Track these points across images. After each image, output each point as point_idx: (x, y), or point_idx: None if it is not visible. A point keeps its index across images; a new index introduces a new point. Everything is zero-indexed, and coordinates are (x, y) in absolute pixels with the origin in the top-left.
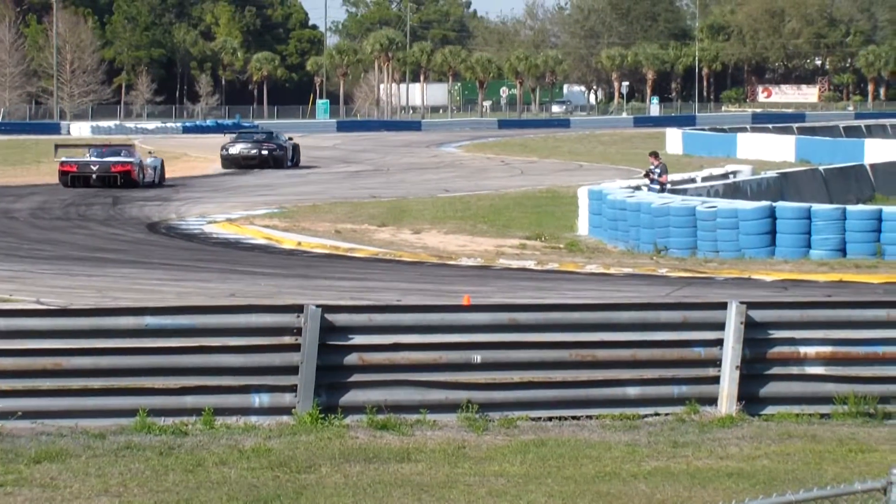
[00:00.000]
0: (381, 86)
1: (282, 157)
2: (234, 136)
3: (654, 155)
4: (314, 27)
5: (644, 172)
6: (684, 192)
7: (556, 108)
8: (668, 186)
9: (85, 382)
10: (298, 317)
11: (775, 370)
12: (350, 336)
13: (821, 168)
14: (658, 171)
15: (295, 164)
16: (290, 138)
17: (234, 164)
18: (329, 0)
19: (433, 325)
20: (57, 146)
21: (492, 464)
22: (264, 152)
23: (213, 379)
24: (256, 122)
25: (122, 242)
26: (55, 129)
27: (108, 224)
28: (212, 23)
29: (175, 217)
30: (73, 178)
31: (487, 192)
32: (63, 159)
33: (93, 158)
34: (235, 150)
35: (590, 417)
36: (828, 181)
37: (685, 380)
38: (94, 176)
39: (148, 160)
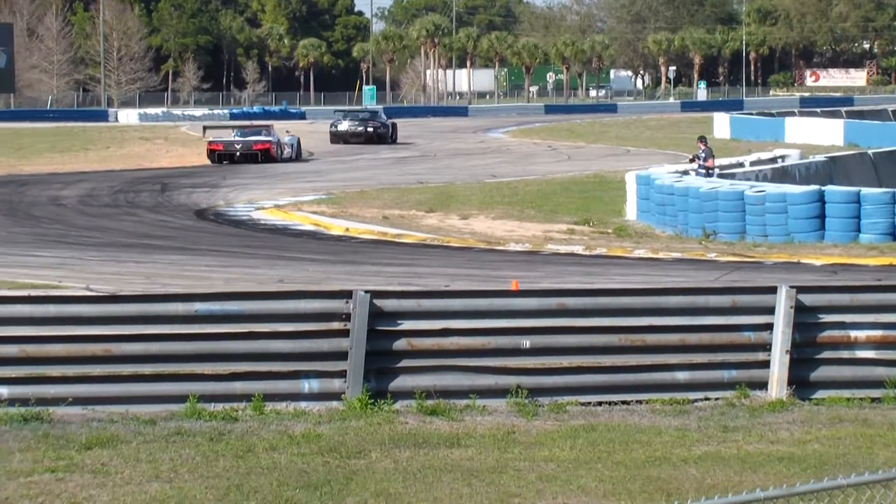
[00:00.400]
0: (428, 72)
1: (384, 134)
2: (342, 114)
3: (702, 140)
4: (360, 13)
5: (690, 157)
6: (732, 176)
7: (594, 94)
8: (716, 171)
9: (135, 369)
10: (347, 302)
11: (825, 354)
12: (399, 321)
13: (870, 152)
14: (703, 155)
15: (394, 140)
16: (390, 119)
17: (342, 139)
18: None
19: (481, 311)
20: (205, 127)
21: (542, 449)
22: (370, 129)
23: (263, 365)
24: (303, 108)
25: (170, 229)
26: (103, 116)
27: (156, 211)
28: (258, 9)
29: (223, 203)
30: (220, 155)
31: (534, 178)
32: (211, 139)
33: (237, 138)
34: (343, 126)
35: (639, 402)
36: (877, 165)
37: (735, 364)
38: (237, 153)
39: (286, 139)
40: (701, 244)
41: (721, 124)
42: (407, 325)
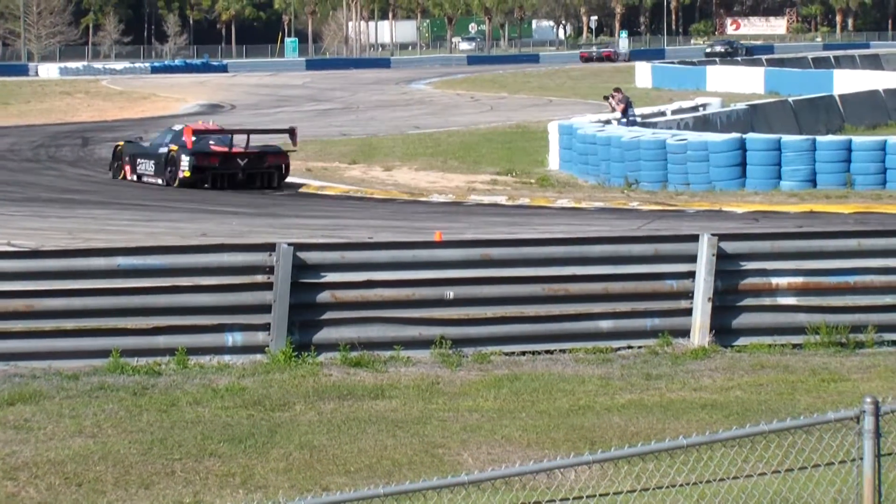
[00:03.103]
0: (350, 24)
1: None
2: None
3: (618, 90)
4: None
5: (604, 97)
6: (654, 125)
7: (464, 46)
8: (639, 119)
9: (57, 324)
10: (270, 255)
11: (747, 301)
12: (322, 274)
13: (790, 99)
14: (615, 102)
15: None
16: None
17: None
18: None
19: (405, 262)
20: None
21: (466, 399)
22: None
23: (186, 319)
24: (225, 61)
25: (92, 184)
26: (23, 70)
27: (78, 165)
28: None
29: None
30: None
31: (457, 129)
32: None
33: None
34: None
35: (563, 351)
36: (797, 112)
37: (658, 312)
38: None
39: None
40: (623, 193)
41: (643, 73)
42: (331, 277)
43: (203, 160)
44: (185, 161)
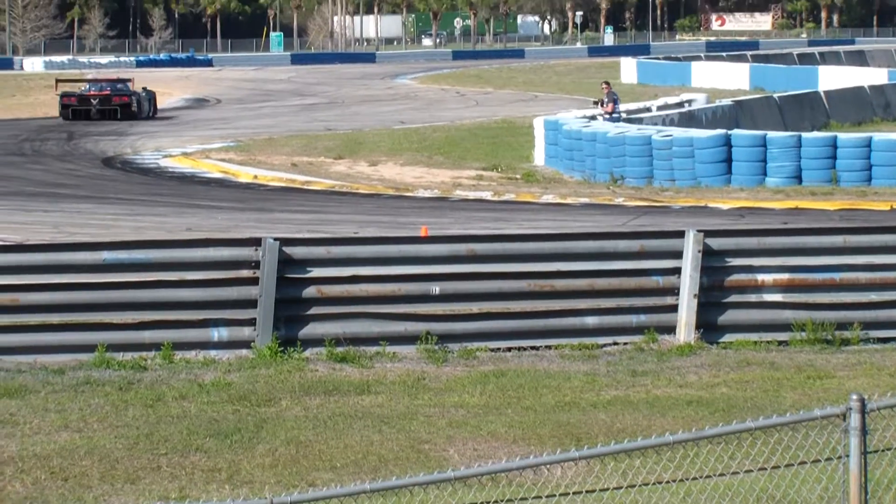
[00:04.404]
0: (335, 18)
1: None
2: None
3: (607, 84)
4: None
5: (595, 101)
6: (640, 121)
7: (427, 42)
8: (622, 115)
9: (43, 318)
10: (256, 250)
11: (733, 298)
12: (308, 269)
13: (775, 96)
14: (615, 98)
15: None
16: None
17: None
18: None
19: (391, 257)
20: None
21: (451, 395)
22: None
23: (172, 313)
24: (210, 55)
25: (78, 178)
26: (8, 64)
27: (63, 159)
28: None
29: (130, 151)
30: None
31: (443, 124)
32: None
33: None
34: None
35: (549, 347)
36: (782, 109)
37: (643, 309)
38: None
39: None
40: (609, 189)
41: (628, 69)
42: (316, 272)
43: (66, 100)
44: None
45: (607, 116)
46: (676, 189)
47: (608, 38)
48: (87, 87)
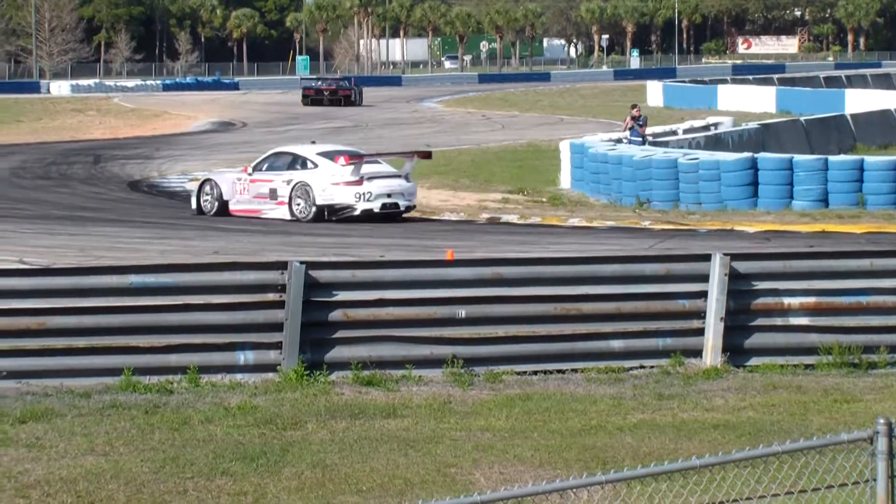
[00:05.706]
0: (361, 41)
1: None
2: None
3: (635, 107)
4: None
5: (626, 126)
6: (666, 144)
7: (448, 65)
8: (649, 139)
9: (69, 342)
10: (282, 273)
11: (759, 321)
12: (334, 292)
13: (802, 119)
14: (642, 121)
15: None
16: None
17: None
18: None
19: (417, 281)
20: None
21: (477, 418)
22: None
23: (198, 337)
24: (237, 79)
25: (104, 201)
26: (35, 88)
27: (90, 183)
28: None
29: (156, 175)
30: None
31: (469, 147)
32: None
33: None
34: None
35: (575, 371)
36: (809, 132)
37: (669, 332)
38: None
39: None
40: (635, 212)
41: (654, 92)
42: (342, 295)
43: (306, 91)
44: None
45: (639, 140)
46: (703, 212)
47: (634, 61)
48: (320, 83)
